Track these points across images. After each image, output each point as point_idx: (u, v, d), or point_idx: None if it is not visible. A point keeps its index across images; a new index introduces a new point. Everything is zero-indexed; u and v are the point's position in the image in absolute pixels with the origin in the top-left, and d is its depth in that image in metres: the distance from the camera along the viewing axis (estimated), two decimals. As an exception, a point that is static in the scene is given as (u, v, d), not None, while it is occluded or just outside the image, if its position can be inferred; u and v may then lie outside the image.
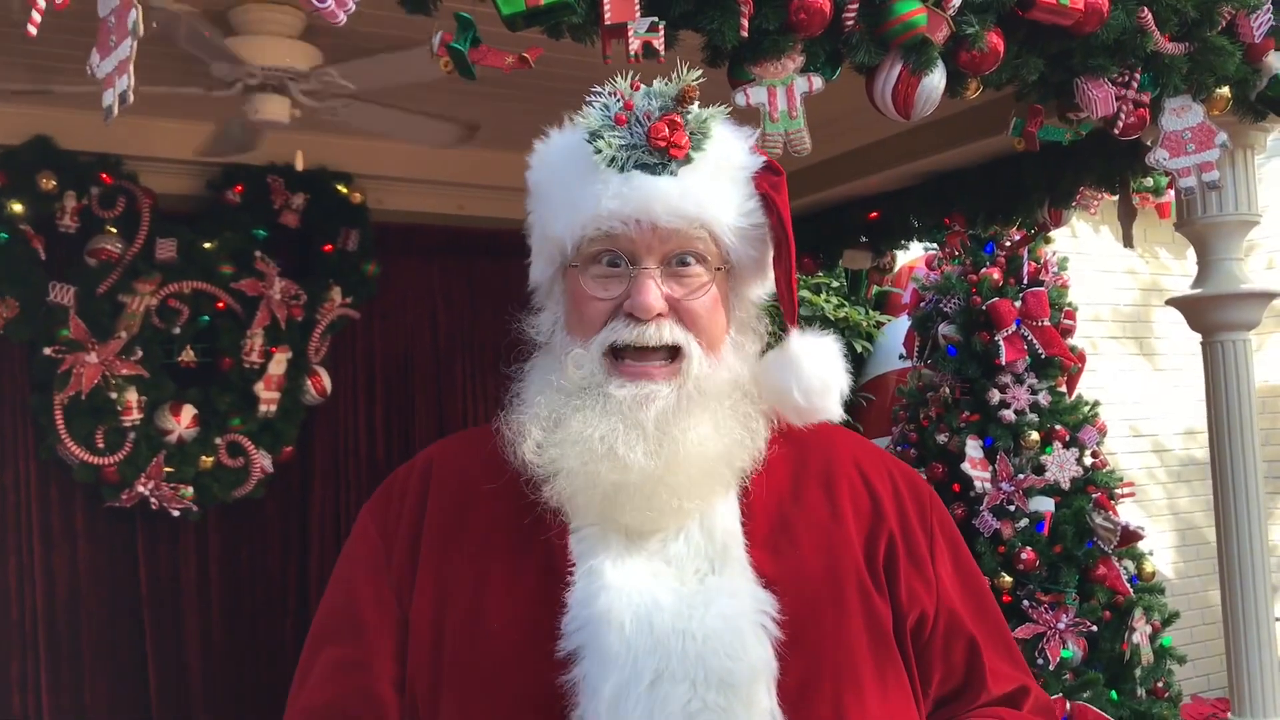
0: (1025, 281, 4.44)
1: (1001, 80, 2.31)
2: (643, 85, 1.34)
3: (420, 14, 1.85)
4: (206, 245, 3.92)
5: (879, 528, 1.38)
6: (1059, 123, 2.60)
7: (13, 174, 3.54)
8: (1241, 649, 2.92)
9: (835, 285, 5.59)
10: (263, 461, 4.01)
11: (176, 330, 3.86)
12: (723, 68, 2.04)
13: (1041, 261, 4.52)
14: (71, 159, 3.63)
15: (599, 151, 1.30)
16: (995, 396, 4.28)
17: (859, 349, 5.50)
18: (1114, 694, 4.06)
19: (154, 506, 3.79)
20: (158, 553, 3.94)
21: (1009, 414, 4.26)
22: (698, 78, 1.32)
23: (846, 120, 3.35)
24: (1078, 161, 3.23)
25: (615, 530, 1.30)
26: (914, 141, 3.66)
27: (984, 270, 4.46)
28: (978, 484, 4.16)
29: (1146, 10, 2.36)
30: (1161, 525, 6.45)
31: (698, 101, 1.33)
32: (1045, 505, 4.15)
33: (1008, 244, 4.39)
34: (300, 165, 3.60)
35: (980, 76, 2.24)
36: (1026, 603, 4.03)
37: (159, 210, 3.82)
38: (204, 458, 3.88)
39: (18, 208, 3.54)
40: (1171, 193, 5.23)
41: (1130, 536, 4.20)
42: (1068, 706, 3.81)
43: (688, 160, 1.31)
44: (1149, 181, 5.39)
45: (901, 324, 5.17)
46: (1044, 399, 4.30)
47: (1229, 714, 2.98)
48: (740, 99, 2.02)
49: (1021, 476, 4.17)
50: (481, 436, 1.42)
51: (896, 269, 5.77)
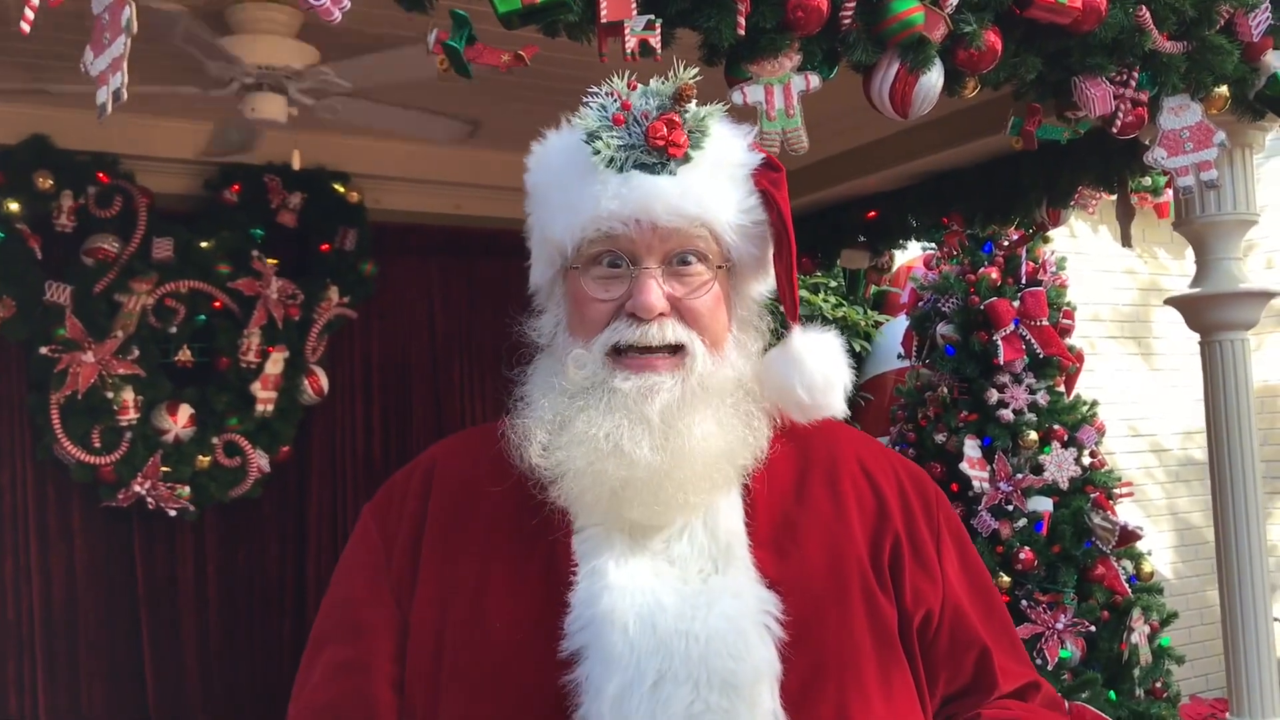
0: (1023, 281, 4.44)
1: (999, 79, 2.31)
2: (640, 85, 1.33)
3: (417, 11, 1.85)
4: (203, 244, 3.92)
5: (884, 527, 1.38)
6: (1057, 121, 2.60)
7: (9, 173, 3.53)
8: (1240, 649, 2.91)
9: (833, 285, 5.58)
10: (260, 461, 4.01)
11: (173, 330, 3.85)
12: (720, 66, 2.04)
13: (1040, 261, 4.52)
14: (68, 158, 3.62)
15: (597, 152, 1.29)
16: (993, 396, 4.27)
17: (857, 348, 5.49)
18: (1112, 694, 4.05)
19: (151, 506, 3.78)
20: (155, 552, 3.93)
21: (1007, 414, 4.25)
22: (694, 76, 1.32)
23: (844, 119, 3.35)
24: (1076, 161, 3.23)
25: (619, 530, 1.30)
26: (912, 141, 3.65)
27: (982, 270, 4.46)
28: (976, 484, 4.16)
29: (1145, 9, 2.36)
30: (1160, 525, 6.44)
31: (695, 100, 1.33)
32: (1043, 505, 4.15)
33: (1006, 243, 4.39)
34: (297, 165, 3.59)
35: (978, 75, 2.24)
36: (1025, 603, 4.02)
37: (156, 209, 3.82)
38: (201, 457, 3.88)
39: (14, 207, 3.53)
40: (1170, 192, 5.25)
41: (1128, 536, 4.20)
42: (1066, 707, 3.80)
43: (686, 159, 1.30)
44: (1147, 181, 5.40)
45: (900, 324, 5.16)
46: (1042, 399, 4.30)
47: (1227, 714, 2.97)
48: (737, 97, 2.02)
49: (1020, 476, 4.17)
50: (485, 436, 1.41)
51: (895, 268, 5.77)
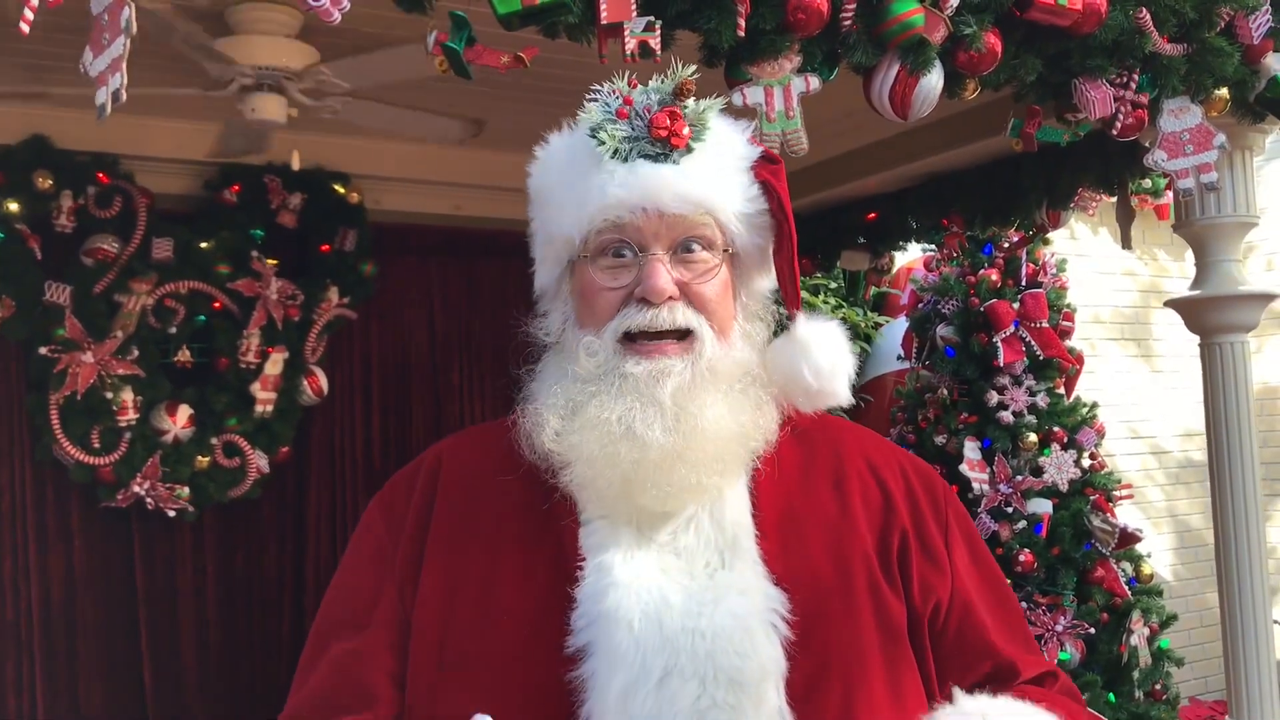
0: (1024, 283, 4.44)
1: (999, 81, 2.30)
2: (640, 84, 1.36)
3: (416, 12, 1.85)
4: (203, 245, 3.91)
5: (891, 522, 1.38)
6: (1057, 124, 2.60)
7: (9, 173, 3.53)
8: (1239, 651, 2.91)
9: (833, 286, 5.57)
10: (259, 462, 4.01)
11: (173, 330, 3.85)
12: (720, 68, 2.04)
13: (1040, 263, 4.52)
14: (68, 158, 3.62)
15: (602, 143, 1.32)
16: (993, 398, 4.27)
17: (857, 350, 5.48)
18: (1111, 696, 4.05)
19: (150, 507, 3.78)
20: (154, 553, 3.93)
21: (1007, 416, 4.25)
22: (693, 73, 1.34)
23: (844, 121, 3.35)
24: (1076, 163, 3.23)
25: (626, 523, 1.31)
26: (912, 142, 3.65)
27: (982, 271, 4.46)
28: (976, 486, 4.16)
29: (1145, 11, 2.36)
30: (1160, 527, 6.44)
31: (695, 95, 1.35)
32: (1043, 507, 4.15)
33: (1006, 245, 4.39)
34: (297, 165, 3.58)
35: (978, 77, 2.24)
36: (1024, 605, 4.02)
37: (156, 210, 3.81)
38: (200, 458, 3.87)
39: (14, 207, 3.53)
40: (1170, 194, 5.24)
41: (1128, 538, 4.19)
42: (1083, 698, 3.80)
43: (689, 150, 1.33)
44: (1147, 183, 5.40)
45: (899, 325, 5.16)
46: (1042, 401, 4.29)
47: (1227, 717, 2.97)
48: (737, 99, 2.02)
49: (1019, 478, 4.17)
50: (493, 432, 1.43)
51: (894, 270, 5.77)
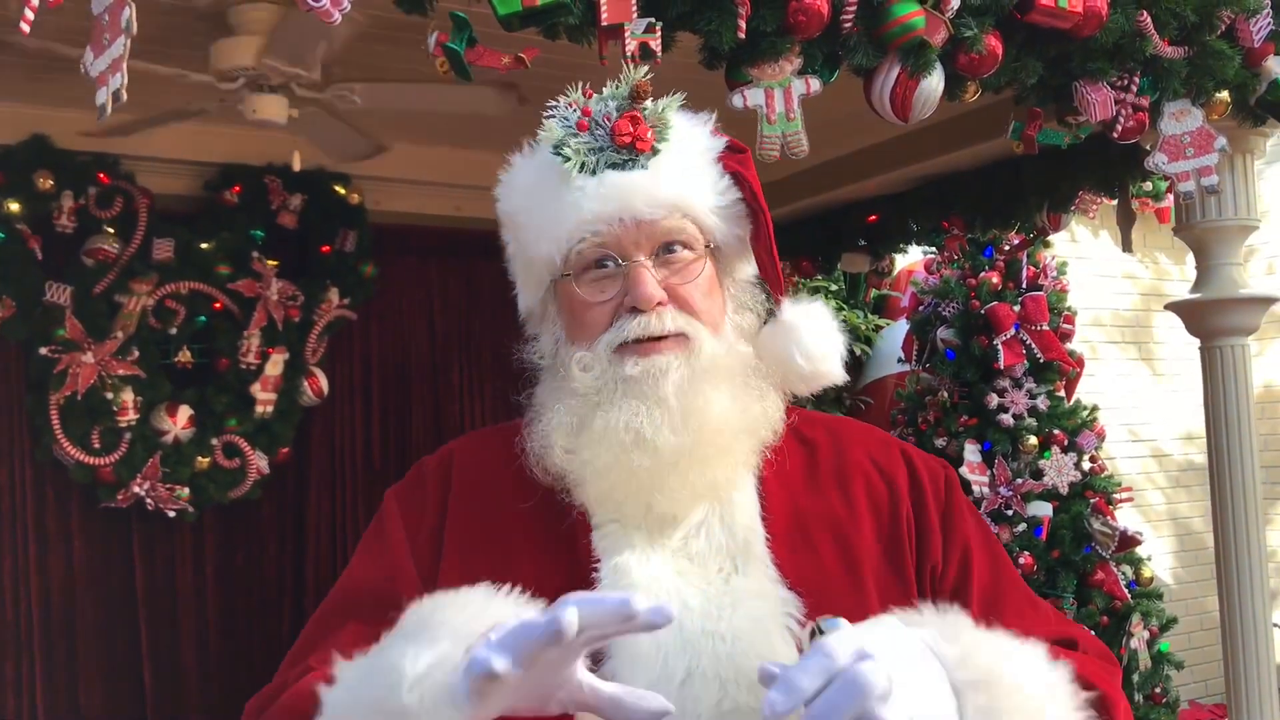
0: (1024, 285, 4.44)
1: (1000, 83, 2.30)
2: (594, 92, 1.34)
3: (417, 13, 1.85)
4: (204, 246, 3.91)
5: (897, 510, 1.37)
6: (1058, 126, 2.60)
7: (10, 173, 3.53)
8: (1239, 655, 2.91)
9: (833, 288, 5.57)
10: (259, 462, 4.00)
11: (173, 330, 3.85)
12: (720, 70, 2.03)
13: (1040, 265, 4.52)
14: (69, 158, 3.61)
15: (567, 159, 1.30)
16: (993, 401, 4.27)
17: (857, 352, 5.48)
18: (1111, 699, 4.04)
19: (150, 507, 3.78)
20: (154, 554, 3.93)
21: (1007, 418, 4.25)
22: (646, 74, 1.32)
23: (845, 123, 3.34)
24: (1076, 165, 3.23)
25: (636, 527, 1.30)
26: (912, 145, 3.65)
27: (983, 274, 4.46)
28: (976, 488, 4.16)
29: (1146, 14, 2.36)
30: (1160, 530, 6.44)
31: (651, 95, 1.33)
32: (1043, 510, 4.15)
33: (1007, 248, 4.39)
34: (297, 166, 3.58)
35: (979, 79, 2.24)
36: (1024, 607, 4.01)
37: (156, 210, 3.81)
38: (200, 458, 3.87)
39: (15, 207, 3.53)
40: (1171, 197, 5.24)
41: (1128, 541, 4.19)
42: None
43: (654, 152, 1.31)
44: (1148, 186, 5.37)
45: (900, 328, 5.16)
46: (1042, 403, 4.29)
47: (1226, 720, 2.97)
48: (737, 101, 2.02)
49: (1020, 481, 4.16)
50: (501, 434, 1.42)
51: (895, 272, 5.76)
